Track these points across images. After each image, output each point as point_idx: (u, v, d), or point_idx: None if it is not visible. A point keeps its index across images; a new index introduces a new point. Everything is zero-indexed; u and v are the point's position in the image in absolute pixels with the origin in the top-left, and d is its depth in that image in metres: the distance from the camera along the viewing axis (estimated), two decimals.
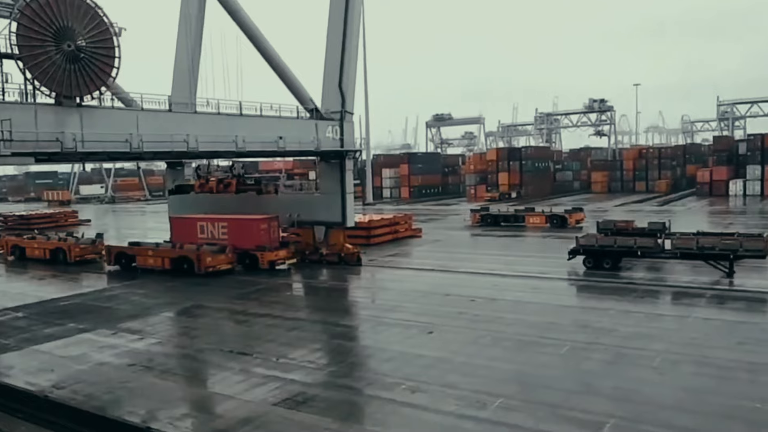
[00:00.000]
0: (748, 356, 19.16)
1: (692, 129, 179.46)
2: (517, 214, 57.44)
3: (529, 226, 54.71)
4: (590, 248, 33.82)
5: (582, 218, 53.94)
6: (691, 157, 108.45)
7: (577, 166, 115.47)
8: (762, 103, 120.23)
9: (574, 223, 52.94)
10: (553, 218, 54.40)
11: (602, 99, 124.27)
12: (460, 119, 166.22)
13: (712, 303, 26.53)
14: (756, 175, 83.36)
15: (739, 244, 30.83)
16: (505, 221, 56.88)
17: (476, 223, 57.45)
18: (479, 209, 60.44)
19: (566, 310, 26.20)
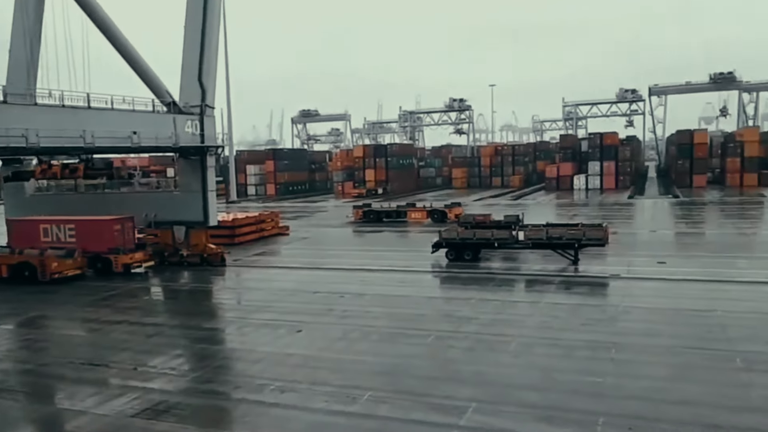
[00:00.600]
0: (591, 336, 21.00)
1: (542, 128, 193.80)
2: (399, 210, 58.43)
3: (411, 221, 55.94)
4: (452, 241, 35.32)
5: (461, 213, 55.95)
6: (541, 154, 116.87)
7: (439, 163, 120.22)
8: (601, 104, 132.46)
9: (454, 218, 54.09)
10: (433, 213, 55.99)
11: (461, 98, 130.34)
12: (327, 115, 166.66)
13: (560, 289, 28.76)
14: (596, 171, 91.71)
15: (583, 233, 33.71)
16: (387, 217, 57.65)
17: (359, 219, 57.79)
18: (361, 205, 60.67)
19: (431, 301, 27.18)
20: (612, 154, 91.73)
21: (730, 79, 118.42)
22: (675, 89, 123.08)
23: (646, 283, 28.90)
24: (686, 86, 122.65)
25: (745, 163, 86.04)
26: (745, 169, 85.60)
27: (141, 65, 35.75)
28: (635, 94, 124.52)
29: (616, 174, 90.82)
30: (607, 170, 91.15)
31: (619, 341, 20.18)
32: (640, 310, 23.99)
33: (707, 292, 26.26)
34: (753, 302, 24.23)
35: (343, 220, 60.47)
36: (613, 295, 27.56)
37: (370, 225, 55.30)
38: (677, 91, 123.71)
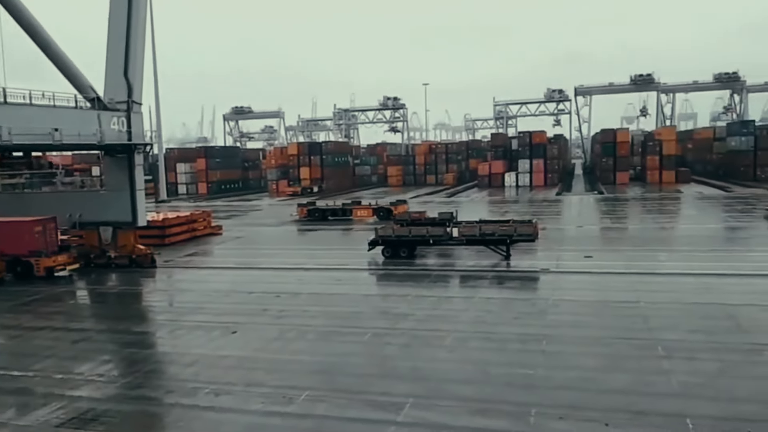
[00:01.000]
0: (522, 329, 21.59)
1: (474, 126, 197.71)
2: (345, 208, 57.82)
3: (356, 219, 55.60)
4: (388, 239, 35.51)
5: (406, 209, 56.26)
6: (473, 152, 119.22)
7: (374, 161, 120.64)
8: (529, 104, 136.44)
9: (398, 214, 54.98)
10: (379, 210, 55.80)
11: (395, 97, 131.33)
12: (260, 113, 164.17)
13: (493, 283, 29.44)
14: (526, 168, 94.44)
15: (514, 229, 34.64)
16: (332, 215, 56.95)
17: (303, 218, 56.96)
18: (306, 203, 59.75)
19: (367, 298, 27.24)
20: (541, 153, 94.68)
21: (649, 80, 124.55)
22: (599, 90, 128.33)
23: (574, 276, 29.98)
24: (609, 87, 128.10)
25: (663, 161, 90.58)
26: (664, 167, 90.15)
27: (60, 57, 34.01)
28: (562, 94, 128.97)
29: (544, 171, 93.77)
30: (536, 168, 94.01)
31: (549, 333, 20.85)
32: (569, 303, 24.85)
33: (631, 284, 27.48)
34: (673, 293, 25.54)
35: (280, 219, 59.76)
36: (543, 289, 28.43)
37: (314, 223, 54.74)
38: (601, 92, 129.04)
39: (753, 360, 17.71)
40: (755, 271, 28.82)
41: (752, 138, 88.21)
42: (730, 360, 17.72)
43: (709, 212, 54.51)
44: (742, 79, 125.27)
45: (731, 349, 18.55)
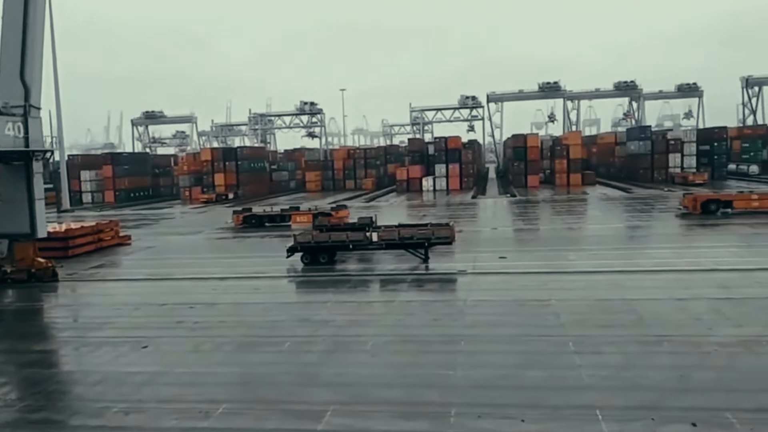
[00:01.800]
0: (442, 330, 21.92)
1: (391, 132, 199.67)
2: (283, 214, 56.20)
3: (295, 225, 54.16)
4: (307, 245, 35.13)
5: (347, 215, 55.65)
6: (391, 157, 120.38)
7: (292, 166, 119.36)
8: (445, 110, 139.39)
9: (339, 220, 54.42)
10: (318, 215, 54.03)
11: (312, 102, 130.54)
12: (172, 117, 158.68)
13: (412, 287, 29.73)
14: (442, 173, 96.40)
15: (432, 232, 35.17)
16: (270, 221, 55.19)
17: (239, 225, 55.10)
18: (241, 210, 57.60)
19: (287, 306, 26.81)
20: (456, 157, 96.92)
21: (556, 88, 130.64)
22: (510, 97, 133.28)
23: (490, 277, 30.77)
24: (519, 94, 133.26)
25: (570, 165, 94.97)
26: (571, 170, 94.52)
27: None
28: (475, 100, 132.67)
29: (460, 176, 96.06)
30: (452, 172, 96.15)
31: (468, 333, 21.27)
32: (486, 303, 25.46)
33: (543, 283, 28.51)
34: (582, 290, 26.71)
35: (194, 227, 57.83)
36: (461, 290, 29.01)
37: (250, 231, 53.08)
38: (512, 99, 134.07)
39: (654, 351, 18.77)
40: (655, 267, 30.65)
41: (649, 143, 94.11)
42: (634, 352, 18.71)
43: (612, 212, 57.60)
44: (639, 87, 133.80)
45: (635, 341, 19.60)
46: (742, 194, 52.47)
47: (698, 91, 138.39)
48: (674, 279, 27.80)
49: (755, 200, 49.36)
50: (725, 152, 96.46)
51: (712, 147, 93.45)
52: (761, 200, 49.07)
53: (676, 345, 19.13)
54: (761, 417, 14.12)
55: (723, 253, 33.68)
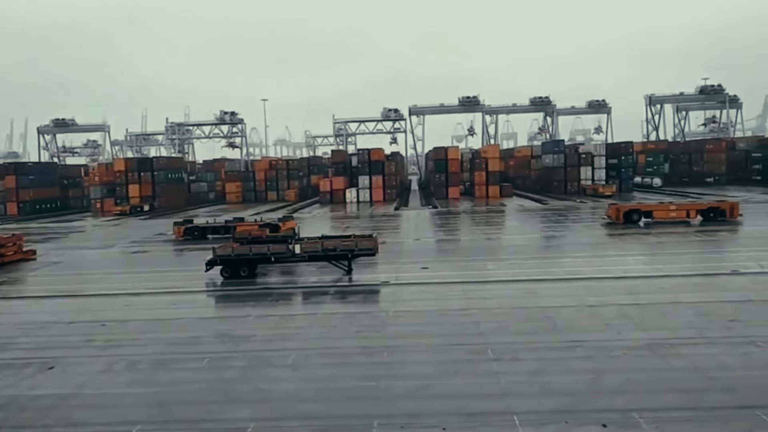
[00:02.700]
0: (365, 342, 21.93)
1: (314, 143, 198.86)
2: (227, 225, 54.01)
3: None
4: (227, 258, 34.29)
5: (294, 225, 54.27)
6: (315, 168, 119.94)
7: (211, 177, 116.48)
8: (368, 122, 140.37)
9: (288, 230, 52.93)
10: (266, 227, 52.69)
11: (233, 112, 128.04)
12: (83, 126, 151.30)
13: (335, 299, 29.61)
14: (365, 184, 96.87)
15: (355, 244, 35.21)
16: (214, 233, 53.00)
17: (180, 238, 52.63)
18: (182, 222, 55.12)
19: (205, 322, 26.01)
20: (379, 169, 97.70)
21: (475, 102, 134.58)
22: (431, 110, 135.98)
23: (413, 287, 31.11)
24: (440, 107, 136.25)
25: (489, 177, 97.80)
26: (490, 182, 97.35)
27: None
28: (397, 113, 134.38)
29: (383, 187, 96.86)
30: (375, 184, 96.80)
31: (390, 344, 21.38)
32: (409, 314, 25.71)
33: (464, 292, 29.11)
34: (500, 299, 27.48)
35: (106, 241, 55.15)
36: (384, 301, 29.15)
37: (193, 242, 50.86)
38: (433, 112, 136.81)
39: (568, 356, 19.55)
40: (568, 275, 31.98)
41: (562, 156, 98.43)
42: (549, 357, 19.41)
43: (529, 223, 59.71)
44: (552, 103, 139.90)
45: (550, 347, 20.35)
46: (662, 205, 56.11)
47: (607, 108, 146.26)
48: (586, 286, 29.11)
49: (673, 211, 52.93)
50: (631, 165, 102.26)
51: (620, 161, 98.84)
52: (678, 211, 52.57)
53: (588, 350, 20.00)
54: (666, 416, 14.97)
55: (631, 261, 35.60)
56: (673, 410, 15.26)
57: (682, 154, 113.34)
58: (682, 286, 28.45)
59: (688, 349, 19.57)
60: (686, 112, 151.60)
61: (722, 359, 18.60)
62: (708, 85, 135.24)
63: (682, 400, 15.89)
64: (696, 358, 18.74)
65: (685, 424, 14.61)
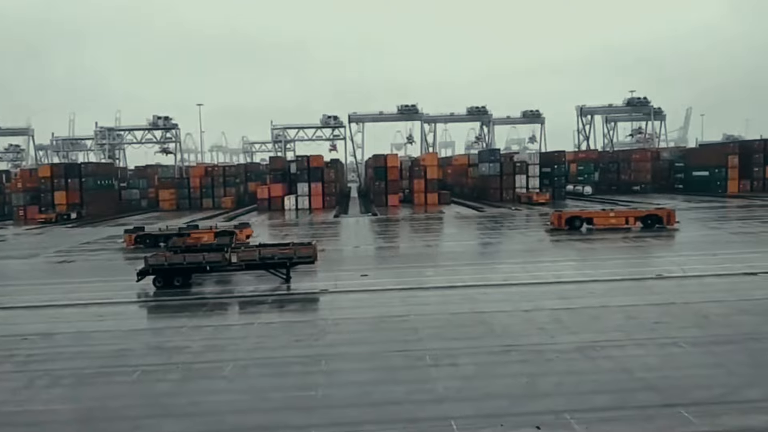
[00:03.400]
0: (303, 351, 21.68)
1: (252, 149, 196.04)
2: (180, 233, 51.48)
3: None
4: (160, 267, 33.24)
5: (251, 233, 52.69)
6: (252, 175, 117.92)
7: (144, 184, 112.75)
8: (307, 128, 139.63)
9: (245, 239, 51.16)
10: (221, 234, 50.57)
11: (166, 116, 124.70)
12: (4, 129, 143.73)
13: (273, 308, 29.17)
14: (305, 192, 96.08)
15: (294, 252, 34.80)
16: (166, 241, 50.46)
17: (131, 246, 50.05)
18: (133, 230, 52.36)
19: (136, 334, 25.08)
20: (319, 176, 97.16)
21: (414, 111, 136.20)
22: (370, 118, 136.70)
23: (352, 295, 31.03)
24: (379, 115, 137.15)
25: (427, 185, 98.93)
26: (428, 190, 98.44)
27: None
28: (337, 120, 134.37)
29: (323, 194, 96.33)
30: (314, 191, 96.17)
31: (329, 353, 21.22)
32: (348, 322, 25.60)
33: (403, 299, 29.26)
34: (438, 305, 27.76)
35: (30, 250, 52.42)
36: (323, 310, 28.94)
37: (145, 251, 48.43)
38: (372, 120, 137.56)
39: (503, 360, 19.94)
40: (504, 281, 32.67)
41: (498, 164, 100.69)
42: (486, 362, 19.75)
43: (466, 230, 60.72)
44: (489, 112, 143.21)
45: (486, 352, 20.70)
46: (602, 212, 58.34)
47: (540, 118, 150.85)
48: (521, 292, 29.81)
49: (612, 218, 55.07)
50: (564, 174, 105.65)
51: (553, 169, 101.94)
52: (618, 218, 54.80)
53: (522, 354, 20.45)
54: (596, 416, 15.47)
55: (564, 266, 36.70)
56: (602, 410, 15.78)
57: (611, 163, 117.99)
58: (611, 291, 29.55)
59: (617, 351, 20.32)
60: (615, 123, 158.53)
61: (648, 360, 19.40)
62: (635, 97, 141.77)
63: (611, 400, 16.46)
64: (624, 360, 19.47)
65: (614, 423, 15.13)
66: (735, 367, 18.64)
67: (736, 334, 21.76)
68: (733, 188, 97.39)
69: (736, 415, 15.26)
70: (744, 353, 19.84)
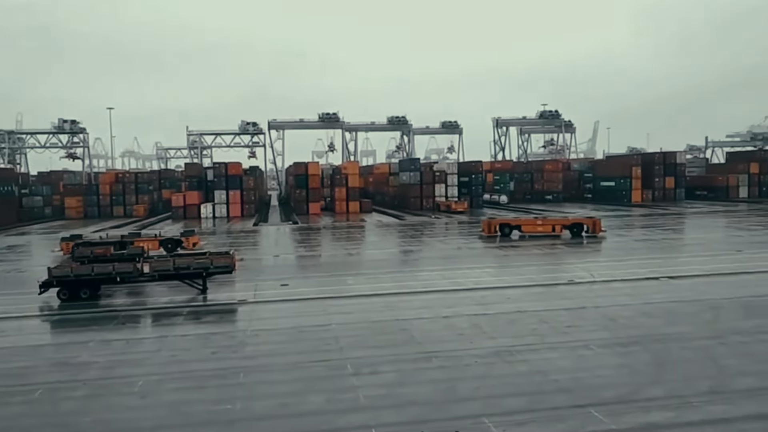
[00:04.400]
0: (220, 363, 21.04)
1: (166, 155, 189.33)
2: (123, 241, 47.95)
3: None
4: (65, 279, 31.37)
5: (197, 241, 50.56)
6: (167, 182, 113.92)
7: (48, 191, 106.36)
8: (225, 135, 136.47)
9: (191, 246, 49.08)
10: (166, 243, 48.96)
11: (73, 120, 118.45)
12: None
13: (189, 320, 28.14)
14: (222, 199, 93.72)
15: (210, 262, 33.75)
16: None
17: (68, 255, 46.05)
18: (70, 237, 48.58)
19: (38, 350, 23.51)
20: (237, 184, 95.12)
21: (335, 119, 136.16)
22: (291, 125, 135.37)
23: (272, 305, 30.47)
24: (300, 123, 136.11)
25: (349, 193, 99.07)
26: (350, 198, 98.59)
27: None
28: (256, 127, 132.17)
29: (241, 202, 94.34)
30: (233, 199, 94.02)
31: (248, 365, 20.71)
32: (267, 332, 25.10)
33: (324, 308, 29.02)
34: (359, 313, 27.74)
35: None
36: (241, 321, 28.24)
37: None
38: (293, 127, 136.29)
39: (424, 366, 20.14)
40: (424, 288, 33.10)
41: (418, 174, 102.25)
42: (407, 369, 19.88)
43: (388, 238, 61.19)
44: (409, 122, 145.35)
45: (407, 359, 20.85)
46: (530, 219, 60.49)
47: (459, 129, 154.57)
48: (441, 298, 30.30)
49: (540, 225, 57.10)
50: (481, 183, 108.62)
51: (471, 178, 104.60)
52: (545, 226, 56.80)
53: (442, 360, 20.74)
54: (512, 419, 15.88)
55: (482, 273, 37.63)
56: (518, 413, 16.23)
57: (525, 173, 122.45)
58: (526, 296, 30.58)
59: (532, 355, 21.00)
60: (529, 135, 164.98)
61: (561, 363, 20.16)
62: (547, 110, 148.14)
63: (527, 402, 16.96)
64: (538, 363, 20.14)
65: (529, 425, 15.59)
66: (639, 367, 19.70)
67: (639, 336, 23.02)
68: (636, 197, 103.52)
69: (640, 413, 16.10)
70: (647, 353, 21.01)
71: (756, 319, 25.14)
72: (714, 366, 19.50)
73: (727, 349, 21.29)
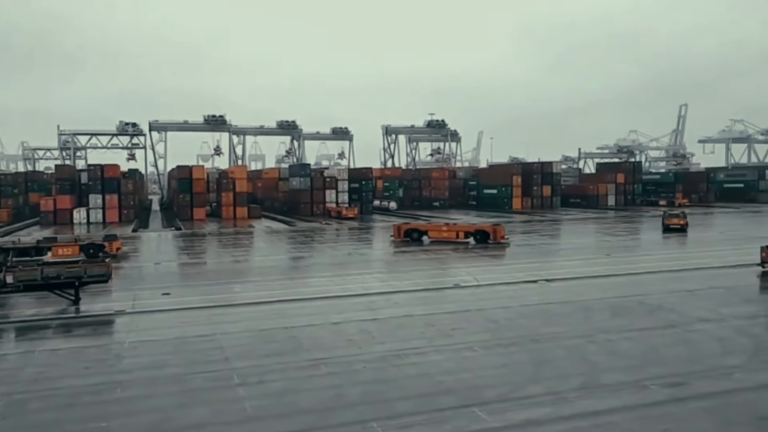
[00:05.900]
0: (94, 378, 19.63)
1: (34, 156, 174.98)
2: (39, 246, 43.66)
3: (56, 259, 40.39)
4: None
5: (121, 246, 48.23)
6: (34, 184, 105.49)
7: None
8: (101, 135, 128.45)
9: (115, 251, 47.05)
10: (88, 248, 45.30)
11: None
12: None
13: (59, 333, 26.09)
14: (98, 204, 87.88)
15: (84, 270, 31.40)
16: (20, 255, 40.38)
17: None
18: None
19: None
20: (114, 187, 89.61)
21: (222, 121, 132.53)
22: (174, 126, 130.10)
23: (152, 315, 28.94)
24: (184, 124, 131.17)
25: (236, 198, 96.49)
26: (237, 203, 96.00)
27: None
28: (136, 127, 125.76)
29: (119, 207, 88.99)
30: (109, 203, 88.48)
31: (125, 379, 19.52)
32: (147, 344, 23.80)
33: (209, 317, 27.98)
34: (246, 322, 27.02)
35: None
36: (118, 332, 26.57)
37: None
38: (176, 129, 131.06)
39: (312, 374, 19.96)
40: (314, 294, 32.85)
41: (309, 179, 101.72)
42: (295, 377, 19.61)
43: (277, 245, 60.24)
44: (299, 127, 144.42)
45: (295, 367, 20.57)
46: (436, 225, 62.05)
47: (349, 135, 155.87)
48: (330, 305, 30.22)
49: (445, 231, 58.38)
50: (371, 190, 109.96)
51: (361, 185, 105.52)
52: (449, 232, 58.12)
53: (331, 366, 20.66)
54: (400, 422, 16.10)
55: (371, 279, 38.00)
56: (406, 416, 16.47)
57: (413, 180, 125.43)
58: (413, 300, 31.23)
59: (419, 358, 21.45)
60: (417, 143, 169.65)
61: (446, 365, 20.75)
62: (434, 120, 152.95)
63: (414, 405, 17.27)
64: (425, 366, 20.60)
65: (417, 427, 15.87)
66: (519, 366, 20.70)
67: (518, 336, 24.21)
68: (517, 205, 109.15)
69: (520, 410, 16.90)
70: (525, 353, 22.13)
71: (622, 318, 27.28)
72: (585, 363, 20.89)
73: (596, 346, 22.89)
